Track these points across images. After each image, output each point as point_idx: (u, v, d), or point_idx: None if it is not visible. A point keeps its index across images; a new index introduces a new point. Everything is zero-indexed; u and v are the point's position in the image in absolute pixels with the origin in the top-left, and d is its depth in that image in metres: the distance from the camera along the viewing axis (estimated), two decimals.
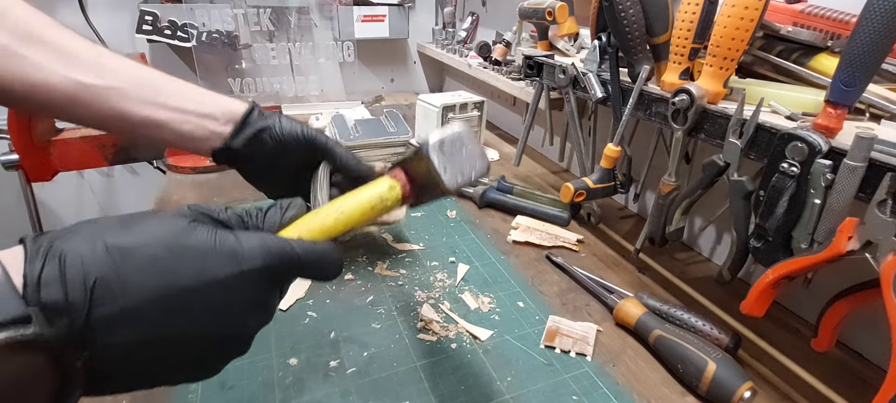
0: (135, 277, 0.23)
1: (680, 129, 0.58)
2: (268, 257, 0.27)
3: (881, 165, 0.41)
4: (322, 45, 1.43)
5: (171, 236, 0.25)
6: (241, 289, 0.26)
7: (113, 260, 0.23)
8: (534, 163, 1.13)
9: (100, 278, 0.22)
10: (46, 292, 0.21)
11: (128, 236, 0.24)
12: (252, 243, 0.27)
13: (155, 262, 0.24)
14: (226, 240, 0.26)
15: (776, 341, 0.59)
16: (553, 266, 0.72)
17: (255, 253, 0.27)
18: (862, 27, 0.40)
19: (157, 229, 0.25)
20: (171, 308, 0.24)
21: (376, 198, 0.36)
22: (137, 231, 0.24)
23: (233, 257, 0.26)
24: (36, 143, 0.88)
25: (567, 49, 0.85)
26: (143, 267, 0.23)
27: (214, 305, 0.25)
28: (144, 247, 0.24)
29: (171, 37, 1.28)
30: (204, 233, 0.26)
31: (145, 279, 0.23)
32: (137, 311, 0.23)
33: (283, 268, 0.28)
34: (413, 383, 0.51)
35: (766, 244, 0.50)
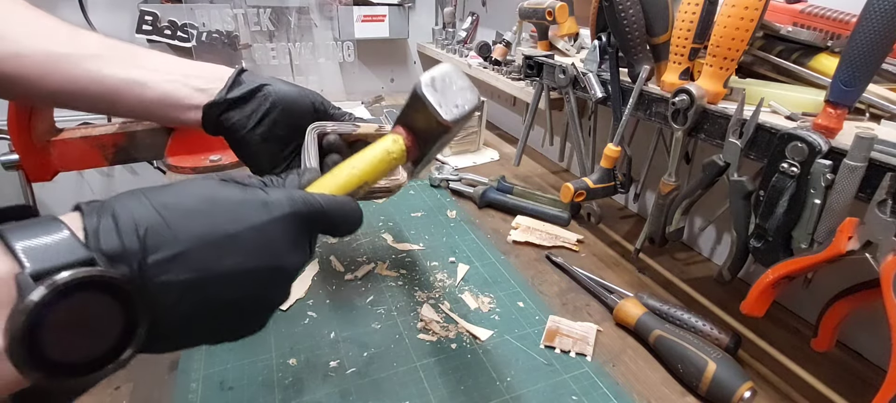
0: (180, 225, 0.26)
1: (680, 129, 0.58)
2: (294, 204, 0.30)
3: (881, 165, 0.41)
4: (322, 45, 1.43)
5: (207, 191, 0.28)
6: (273, 233, 0.29)
7: (158, 212, 0.25)
8: (534, 163, 1.13)
9: (150, 227, 0.25)
10: (104, 241, 0.23)
11: (169, 194, 0.27)
12: (279, 195, 0.30)
13: (196, 213, 0.27)
14: (256, 193, 0.29)
15: (776, 341, 0.59)
16: (553, 266, 0.72)
17: (282, 202, 0.30)
18: (862, 27, 0.40)
19: (194, 188, 0.28)
20: (214, 251, 0.26)
21: (383, 152, 0.38)
22: (176, 190, 0.27)
23: (263, 206, 0.29)
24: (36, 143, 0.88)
25: (567, 49, 0.85)
26: (185, 217, 0.26)
27: (251, 247, 0.28)
28: (185, 201, 0.27)
29: (171, 37, 1.28)
30: (235, 189, 0.29)
31: (189, 226, 0.26)
32: (186, 255, 0.25)
33: (309, 215, 0.31)
34: (413, 383, 0.51)
35: (766, 244, 0.50)
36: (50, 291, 0.20)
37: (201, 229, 0.26)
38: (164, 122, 0.47)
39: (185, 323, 0.26)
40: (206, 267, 0.26)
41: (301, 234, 0.31)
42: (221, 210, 0.27)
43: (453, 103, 0.38)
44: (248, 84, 0.45)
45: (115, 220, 0.24)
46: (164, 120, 0.45)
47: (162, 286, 0.24)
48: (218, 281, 0.27)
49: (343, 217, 0.33)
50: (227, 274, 0.27)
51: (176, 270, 0.25)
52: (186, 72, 0.44)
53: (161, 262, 0.24)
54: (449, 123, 0.37)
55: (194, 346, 0.29)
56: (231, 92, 0.45)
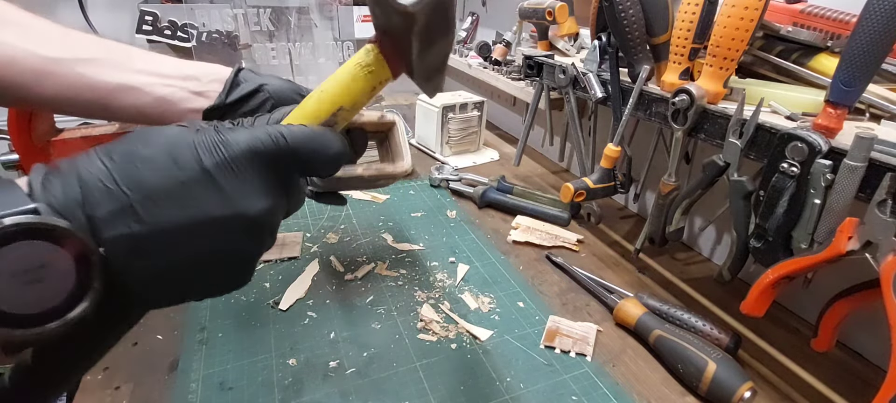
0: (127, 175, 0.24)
1: (680, 129, 0.58)
2: (252, 141, 0.27)
3: (881, 165, 0.41)
4: (322, 45, 1.43)
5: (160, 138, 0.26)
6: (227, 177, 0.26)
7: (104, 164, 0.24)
8: (534, 163, 1.13)
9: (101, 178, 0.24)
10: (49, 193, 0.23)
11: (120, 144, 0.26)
12: (240, 133, 0.27)
13: (145, 161, 0.25)
14: (211, 134, 0.27)
15: (776, 341, 0.59)
16: (553, 266, 0.72)
17: (240, 140, 0.27)
18: (862, 27, 0.40)
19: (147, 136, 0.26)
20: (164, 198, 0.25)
21: (354, 66, 0.32)
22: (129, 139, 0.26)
23: (220, 145, 0.26)
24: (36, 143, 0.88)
25: (567, 49, 0.85)
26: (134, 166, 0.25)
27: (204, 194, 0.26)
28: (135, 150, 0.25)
29: (171, 37, 1.28)
30: (189, 132, 0.27)
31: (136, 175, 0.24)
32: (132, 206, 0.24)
33: (272, 152, 0.28)
34: (413, 383, 0.51)
35: (766, 244, 0.50)
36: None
37: (149, 177, 0.24)
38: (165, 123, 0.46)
39: (151, 279, 0.25)
40: (155, 218, 0.24)
41: (266, 176, 0.28)
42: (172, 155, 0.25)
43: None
44: (246, 85, 0.45)
45: (65, 174, 0.23)
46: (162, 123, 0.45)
47: (113, 240, 0.23)
48: (172, 233, 0.25)
49: (316, 148, 0.29)
50: (180, 225, 0.25)
51: (124, 223, 0.24)
52: (183, 73, 0.43)
53: (107, 215, 0.23)
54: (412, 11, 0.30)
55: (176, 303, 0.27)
56: (230, 95, 0.44)
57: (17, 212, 0.21)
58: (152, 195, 0.24)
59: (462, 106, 1.07)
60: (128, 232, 0.24)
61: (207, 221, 0.26)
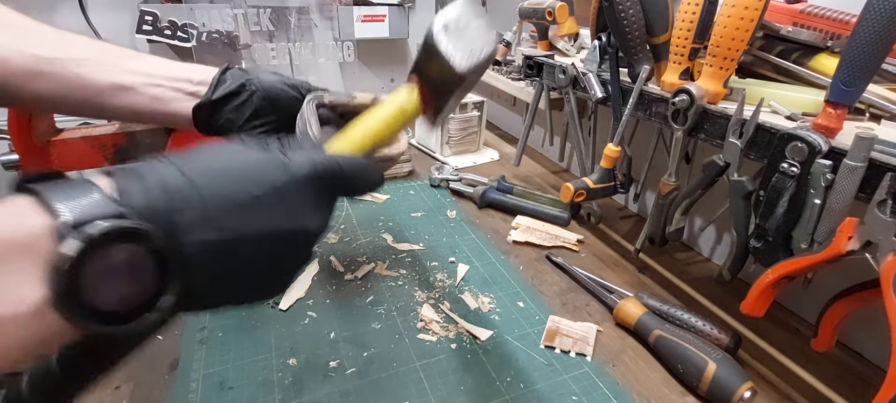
0: (206, 187, 0.26)
1: (680, 129, 0.58)
2: (314, 166, 0.30)
3: (881, 165, 0.41)
4: (322, 45, 1.43)
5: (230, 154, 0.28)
6: (294, 194, 0.29)
7: (184, 173, 0.26)
8: (534, 163, 1.13)
9: (177, 188, 0.25)
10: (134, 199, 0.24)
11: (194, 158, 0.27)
12: (299, 156, 0.30)
13: (220, 175, 0.27)
14: (276, 155, 0.30)
15: (776, 341, 0.59)
16: (553, 266, 0.72)
17: (302, 164, 0.30)
18: (862, 27, 0.40)
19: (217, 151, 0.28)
20: (239, 212, 0.27)
21: (397, 109, 0.36)
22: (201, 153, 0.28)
23: (284, 167, 0.29)
24: (36, 143, 0.88)
25: (567, 49, 0.85)
26: (211, 178, 0.26)
27: (275, 209, 0.28)
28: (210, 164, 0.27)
29: (171, 37, 1.28)
30: (258, 152, 0.29)
31: (214, 187, 0.26)
32: (211, 215, 0.26)
33: (329, 177, 0.31)
34: (413, 383, 0.51)
35: (766, 244, 0.50)
36: (87, 242, 0.21)
37: (226, 190, 0.26)
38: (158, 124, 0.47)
39: (214, 282, 0.27)
40: (231, 227, 0.26)
41: (322, 196, 0.31)
42: (244, 171, 0.28)
43: (469, 49, 0.35)
44: (231, 82, 0.46)
45: (143, 181, 0.25)
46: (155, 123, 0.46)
47: (189, 245, 0.25)
48: (243, 242, 0.27)
49: (362, 177, 0.33)
50: (252, 236, 0.27)
51: (202, 230, 0.25)
52: (174, 75, 0.44)
53: (188, 222, 0.25)
54: (464, 73, 0.34)
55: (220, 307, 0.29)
56: (216, 92, 0.45)
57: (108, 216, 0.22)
58: (227, 206, 0.26)
59: (462, 106, 1.07)
60: (203, 239, 0.25)
61: (274, 234, 0.28)
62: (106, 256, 0.22)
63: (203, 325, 0.57)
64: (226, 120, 0.46)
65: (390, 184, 0.97)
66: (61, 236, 0.21)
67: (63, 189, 0.23)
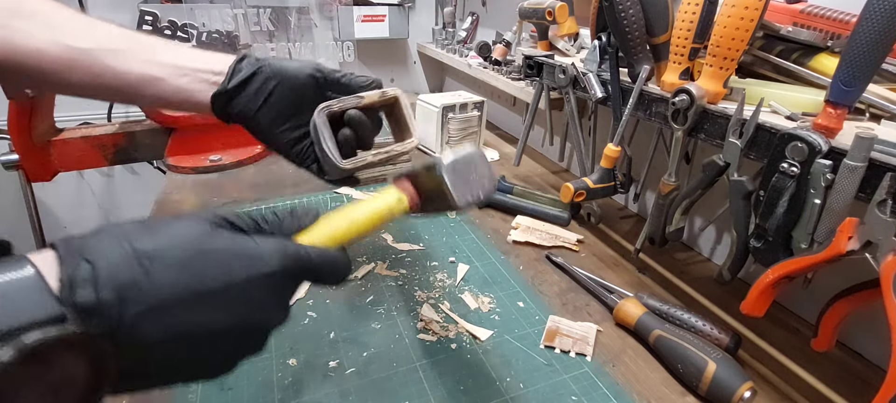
0: (161, 278, 0.24)
1: (680, 129, 0.58)
2: (284, 260, 0.29)
3: (881, 165, 0.41)
4: (322, 45, 1.43)
5: (194, 240, 0.26)
6: (259, 290, 0.28)
7: (140, 263, 0.24)
8: (534, 163, 1.13)
9: (129, 280, 0.23)
10: (80, 294, 0.22)
11: (153, 240, 0.25)
12: (270, 247, 0.28)
13: (179, 265, 0.25)
14: (246, 245, 0.28)
15: (776, 341, 0.59)
16: (553, 266, 0.72)
17: (273, 257, 0.28)
18: (862, 27, 0.40)
19: (180, 233, 0.26)
20: (195, 307, 0.25)
21: (385, 210, 0.37)
22: (161, 235, 0.26)
23: (252, 260, 0.27)
24: (36, 143, 0.88)
25: (567, 49, 0.85)
26: (168, 269, 0.25)
27: (235, 304, 0.27)
28: (169, 251, 0.25)
29: (171, 37, 1.28)
30: (224, 238, 0.27)
31: (171, 280, 0.25)
32: (164, 310, 0.24)
33: (297, 271, 0.30)
34: (413, 383, 0.51)
35: (766, 244, 0.50)
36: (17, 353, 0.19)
37: (182, 284, 0.25)
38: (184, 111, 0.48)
39: (158, 371, 0.26)
40: (184, 323, 0.25)
41: (286, 288, 0.30)
42: (207, 263, 0.26)
43: (469, 190, 0.38)
44: (246, 69, 0.46)
45: (95, 270, 0.23)
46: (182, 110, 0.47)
47: (137, 338, 0.24)
48: (196, 337, 0.26)
49: (331, 271, 0.32)
50: (206, 332, 0.26)
51: (153, 325, 0.24)
52: (198, 66, 0.45)
53: (138, 316, 0.23)
54: (460, 209, 0.38)
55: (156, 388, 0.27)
56: (231, 80, 0.45)
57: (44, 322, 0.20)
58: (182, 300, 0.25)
59: (462, 106, 1.07)
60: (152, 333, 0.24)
61: (229, 329, 0.27)
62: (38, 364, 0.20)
63: None
64: (242, 108, 0.46)
65: None
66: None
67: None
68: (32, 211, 0.92)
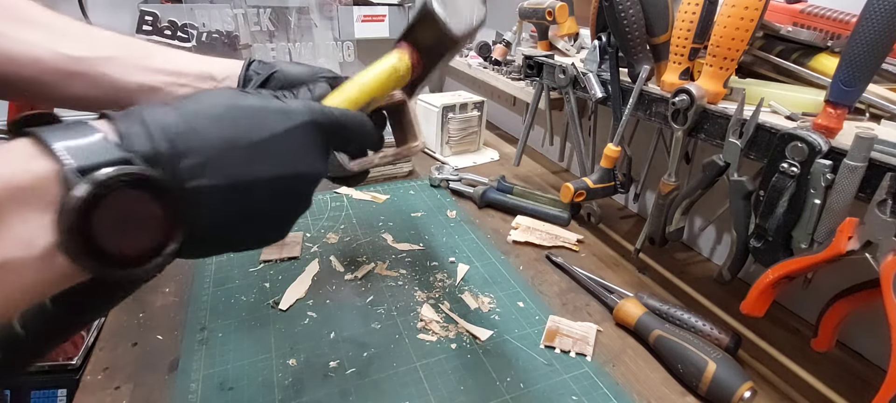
0: (208, 132, 0.26)
1: (680, 129, 0.58)
2: (313, 113, 0.31)
3: (881, 165, 0.41)
4: (322, 45, 1.43)
5: (230, 100, 0.29)
6: (295, 140, 0.30)
7: (186, 120, 0.26)
8: (534, 163, 1.13)
9: (179, 132, 0.25)
10: (138, 144, 0.24)
11: (194, 103, 0.27)
12: (297, 104, 0.31)
13: (222, 120, 0.27)
14: (274, 102, 0.30)
15: (776, 341, 0.59)
16: (553, 266, 0.72)
17: (301, 110, 0.31)
18: (862, 27, 0.40)
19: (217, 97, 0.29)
20: (242, 156, 0.27)
21: (390, 69, 0.39)
22: (201, 98, 0.28)
23: (284, 113, 0.30)
24: None
25: (567, 49, 0.85)
26: (213, 123, 0.27)
27: (276, 154, 0.29)
28: (211, 109, 0.27)
29: (171, 37, 1.28)
30: (255, 98, 0.30)
31: (217, 132, 0.27)
32: (216, 159, 0.26)
33: (327, 125, 0.32)
34: (413, 383, 0.51)
35: (766, 244, 0.50)
36: (94, 186, 0.21)
37: (229, 135, 0.27)
38: None
39: (217, 227, 0.27)
40: (234, 172, 0.27)
41: (318, 143, 0.32)
42: (245, 117, 0.28)
43: (462, 15, 0.38)
44: (258, 77, 0.46)
45: (146, 126, 0.25)
46: None
47: (194, 190, 0.25)
48: (246, 187, 0.27)
49: (358, 130, 0.34)
50: (254, 180, 0.28)
51: (207, 175, 0.26)
52: (199, 71, 0.45)
53: (192, 167, 0.25)
54: (459, 37, 0.38)
55: (221, 250, 0.30)
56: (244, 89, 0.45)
57: (114, 162, 0.22)
58: (230, 151, 0.27)
59: (462, 106, 1.07)
60: (207, 183, 0.26)
61: (275, 178, 0.29)
62: (113, 201, 0.22)
63: (203, 325, 0.57)
64: None
65: (390, 183, 0.97)
66: (68, 181, 0.21)
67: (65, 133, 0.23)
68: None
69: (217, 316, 0.58)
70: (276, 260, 0.69)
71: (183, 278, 0.65)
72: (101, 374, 0.50)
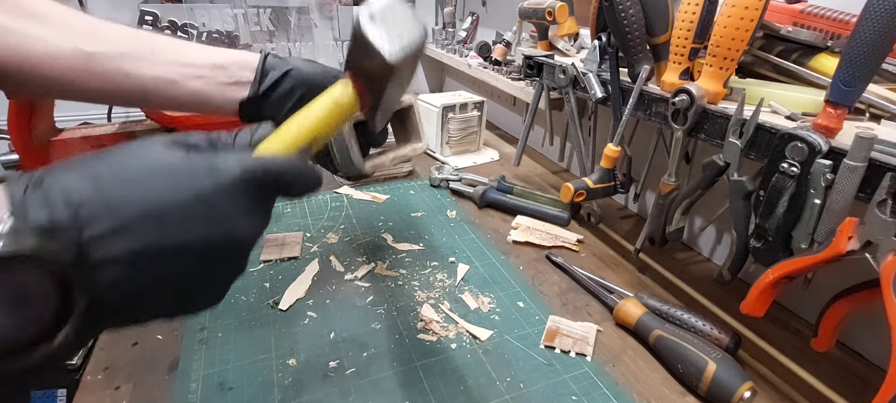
0: (118, 196, 0.24)
1: (680, 129, 0.58)
2: (244, 168, 0.28)
3: (881, 165, 0.41)
4: (322, 45, 1.43)
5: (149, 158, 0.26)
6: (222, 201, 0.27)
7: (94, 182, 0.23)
8: (534, 163, 1.13)
9: (84, 199, 0.23)
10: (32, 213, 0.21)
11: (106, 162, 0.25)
12: (227, 160, 0.28)
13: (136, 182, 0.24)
14: (202, 158, 0.27)
15: (776, 341, 0.59)
16: (553, 266, 0.72)
17: (230, 166, 0.27)
18: (862, 27, 0.40)
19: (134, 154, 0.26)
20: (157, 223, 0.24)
21: (331, 103, 0.36)
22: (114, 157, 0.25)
23: (211, 171, 0.27)
24: (36, 143, 0.88)
25: (567, 49, 0.85)
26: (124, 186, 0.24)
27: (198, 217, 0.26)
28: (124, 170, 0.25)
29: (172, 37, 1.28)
30: (179, 153, 0.27)
31: (128, 196, 0.24)
32: (125, 228, 0.23)
33: (262, 177, 0.29)
34: (413, 383, 0.51)
35: (766, 244, 0.50)
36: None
37: (141, 199, 0.24)
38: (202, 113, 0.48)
39: (133, 298, 0.25)
40: (147, 240, 0.24)
41: (254, 200, 0.28)
42: (164, 177, 0.25)
43: (397, 38, 0.34)
44: (274, 73, 0.46)
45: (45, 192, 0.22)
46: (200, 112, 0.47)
47: (100, 262, 0.23)
48: (163, 255, 0.25)
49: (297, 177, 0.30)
50: (172, 247, 0.25)
51: (115, 245, 0.23)
52: (211, 62, 0.44)
53: (97, 237, 0.23)
54: (393, 63, 0.34)
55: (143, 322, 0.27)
56: (261, 84, 0.45)
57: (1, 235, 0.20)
58: (146, 216, 0.24)
59: (462, 106, 1.07)
60: (115, 254, 0.23)
61: (199, 243, 0.26)
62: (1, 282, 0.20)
63: (203, 325, 0.57)
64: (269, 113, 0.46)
65: (390, 183, 0.97)
66: None
67: None
68: None
69: (217, 315, 0.58)
70: (276, 260, 0.69)
71: None
72: (101, 374, 0.50)
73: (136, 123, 1.02)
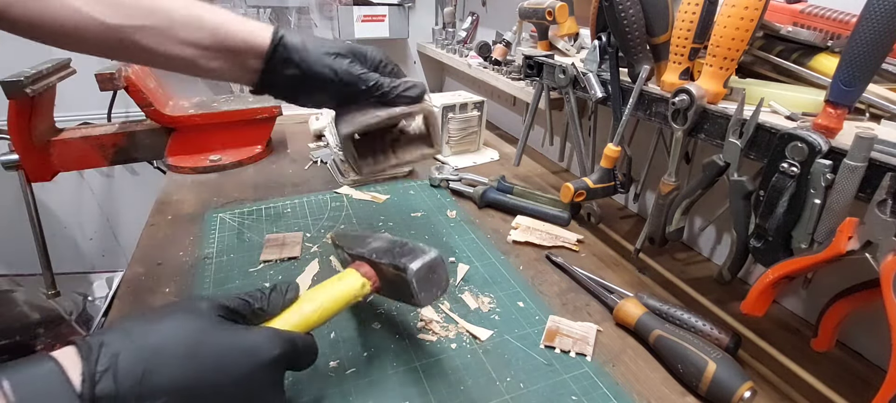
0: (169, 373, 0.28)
1: (680, 129, 0.58)
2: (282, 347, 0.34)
3: (881, 165, 0.41)
4: None
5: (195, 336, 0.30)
6: (258, 377, 0.32)
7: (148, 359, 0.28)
8: (534, 163, 1.13)
9: (145, 372, 0.27)
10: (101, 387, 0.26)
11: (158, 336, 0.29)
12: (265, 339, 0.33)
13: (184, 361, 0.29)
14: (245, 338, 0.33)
15: (776, 341, 0.59)
16: (553, 266, 0.72)
17: (268, 347, 0.33)
18: (862, 27, 0.40)
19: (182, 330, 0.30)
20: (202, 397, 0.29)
21: (351, 295, 0.45)
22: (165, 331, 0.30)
23: (251, 353, 0.32)
24: (36, 143, 0.88)
25: (567, 49, 0.85)
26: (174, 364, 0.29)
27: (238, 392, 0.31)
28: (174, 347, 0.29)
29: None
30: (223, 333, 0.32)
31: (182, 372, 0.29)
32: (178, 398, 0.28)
33: (290, 354, 0.35)
34: (413, 383, 0.51)
35: (766, 244, 0.50)
36: None
37: (189, 378, 0.29)
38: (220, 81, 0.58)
39: None
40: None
41: (280, 374, 0.35)
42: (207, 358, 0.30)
43: (430, 292, 0.45)
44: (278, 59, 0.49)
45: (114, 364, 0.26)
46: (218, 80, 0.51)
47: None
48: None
49: (309, 355, 0.39)
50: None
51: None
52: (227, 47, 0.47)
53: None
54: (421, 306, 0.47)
55: None
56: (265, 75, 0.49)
57: None
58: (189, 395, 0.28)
59: (462, 106, 1.07)
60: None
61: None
62: None
63: None
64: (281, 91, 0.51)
65: (390, 183, 0.97)
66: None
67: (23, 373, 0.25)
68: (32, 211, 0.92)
69: None
70: (276, 261, 0.69)
71: (183, 278, 0.65)
72: None
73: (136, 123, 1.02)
